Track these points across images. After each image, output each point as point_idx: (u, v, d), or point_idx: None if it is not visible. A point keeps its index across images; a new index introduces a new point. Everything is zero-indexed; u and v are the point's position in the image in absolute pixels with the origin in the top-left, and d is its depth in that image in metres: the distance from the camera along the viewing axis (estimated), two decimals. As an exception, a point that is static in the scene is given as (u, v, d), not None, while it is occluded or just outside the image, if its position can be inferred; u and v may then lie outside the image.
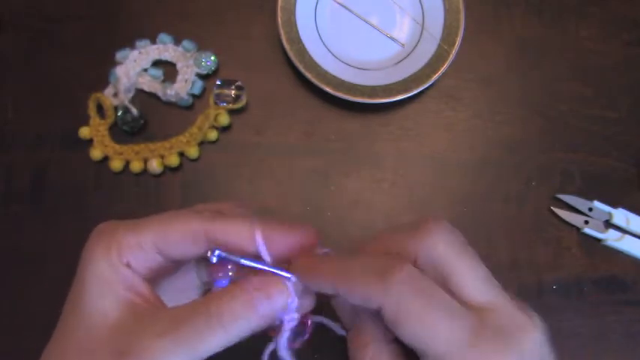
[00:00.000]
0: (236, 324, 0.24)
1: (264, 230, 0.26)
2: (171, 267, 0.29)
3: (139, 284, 0.26)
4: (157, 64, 0.46)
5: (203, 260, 0.30)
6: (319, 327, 0.32)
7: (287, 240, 0.26)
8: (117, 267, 0.25)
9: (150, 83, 0.45)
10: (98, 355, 0.24)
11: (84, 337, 0.25)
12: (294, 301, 0.26)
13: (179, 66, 0.46)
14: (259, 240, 0.26)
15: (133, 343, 0.24)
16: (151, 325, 0.24)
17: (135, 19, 0.47)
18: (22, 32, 0.47)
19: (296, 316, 0.27)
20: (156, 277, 0.28)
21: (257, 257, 0.27)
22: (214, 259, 0.26)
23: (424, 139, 0.46)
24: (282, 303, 0.26)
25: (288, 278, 0.26)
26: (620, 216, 0.44)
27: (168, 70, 0.46)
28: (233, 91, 0.44)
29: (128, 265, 0.26)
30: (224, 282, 0.27)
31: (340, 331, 0.33)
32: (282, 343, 0.27)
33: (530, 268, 0.44)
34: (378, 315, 0.24)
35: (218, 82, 0.45)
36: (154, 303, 0.26)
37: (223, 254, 0.26)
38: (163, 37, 0.46)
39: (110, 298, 0.25)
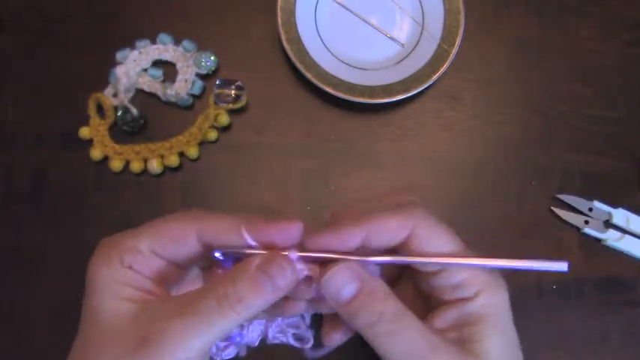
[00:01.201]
0: (246, 306, 0.26)
1: (249, 225, 0.28)
2: (179, 272, 0.30)
3: (144, 283, 0.27)
4: (156, 64, 0.46)
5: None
6: (318, 326, 0.32)
7: (271, 234, 0.28)
8: (119, 270, 0.27)
9: (150, 83, 0.45)
10: (121, 346, 0.25)
11: (102, 337, 0.26)
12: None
13: (179, 66, 0.46)
14: (245, 233, 0.27)
15: (150, 328, 0.25)
16: (165, 311, 0.26)
17: (135, 19, 0.47)
18: (22, 32, 0.47)
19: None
20: (164, 281, 0.28)
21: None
22: (219, 256, 0.28)
23: (424, 139, 0.46)
24: (286, 281, 0.27)
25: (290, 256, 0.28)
26: (620, 216, 0.44)
27: (168, 70, 0.46)
28: (233, 91, 0.44)
29: (131, 268, 0.27)
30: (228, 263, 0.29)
31: None
32: None
33: (530, 268, 0.44)
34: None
35: (218, 82, 0.45)
36: (163, 296, 0.28)
37: (222, 252, 0.28)
38: (163, 37, 0.46)
39: (118, 297, 0.26)
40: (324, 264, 0.28)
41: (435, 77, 0.44)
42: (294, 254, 0.28)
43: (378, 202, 0.31)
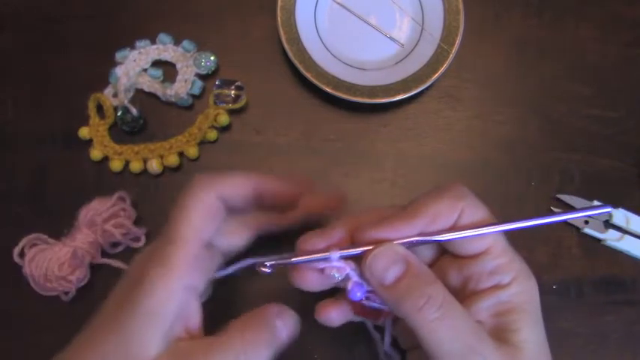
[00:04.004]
0: (260, 355, 0.27)
1: (260, 181, 0.30)
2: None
3: (191, 312, 0.28)
4: (156, 64, 0.46)
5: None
6: (318, 327, 0.32)
7: (280, 188, 0.30)
8: (174, 293, 0.26)
9: (150, 83, 0.45)
10: None
11: None
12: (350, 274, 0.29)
13: (179, 66, 0.46)
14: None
15: None
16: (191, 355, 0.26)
17: (135, 19, 0.47)
18: (22, 32, 0.47)
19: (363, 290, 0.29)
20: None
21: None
22: (266, 270, 0.29)
23: (424, 139, 0.46)
24: (293, 332, 0.29)
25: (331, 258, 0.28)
26: (620, 216, 0.44)
27: (168, 70, 0.46)
28: (233, 91, 0.44)
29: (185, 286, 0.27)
30: (360, 294, 0.29)
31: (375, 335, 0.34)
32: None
33: (530, 268, 0.43)
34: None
35: (218, 82, 0.45)
36: (196, 335, 0.28)
37: (270, 264, 0.29)
38: (163, 37, 0.46)
39: (158, 334, 0.26)
40: (357, 260, 0.28)
41: (435, 77, 0.44)
42: (336, 253, 0.28)
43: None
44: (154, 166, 0.43)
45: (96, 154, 0.43)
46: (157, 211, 0.43)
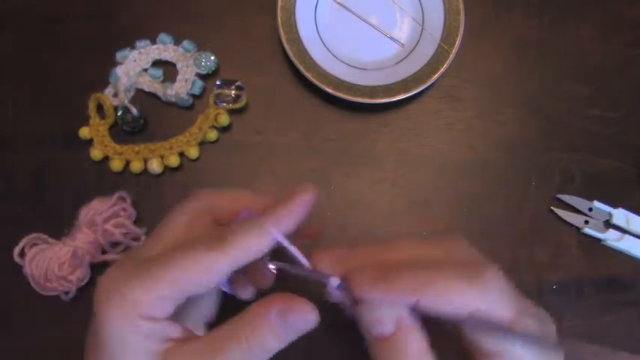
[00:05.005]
0: (268, 350, 0.26)
1: (275, 224, 0.27)
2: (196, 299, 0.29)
3: (162, 330, 0.26)
4: (157, 64, 0.46)
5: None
6: (318, 327, 0.32)
7: (294, 218, 0.28)
8: (136, 325, 0.25)
9: (150, 83, 0.45)
10: None
11: None
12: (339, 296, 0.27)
13: (179, 66, 0.46)
14: (285, 243, 0.27)
15: None
16: None
17: (135, 19, 0.47)
18: (22, 32, 0.47)
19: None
20: (179, 316, 0.27)
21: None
22: (273, 269, 0.29)
23: (424, 139, 0.46)
24: (307, 326, 0.26)
25: (331, 282, 0.27)
26: (620, 216, 0.44)
27: (168, 70, 0.46)
28: (233, 91, 0.44)
29: (149, 318, 0.25)
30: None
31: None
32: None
33: (530, 268, 0.44)
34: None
35: (218, 82, 0.45)
36: (180, 339, 0.26)
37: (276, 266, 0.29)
38: (163, 37, 0.46)
39: (135, 351, 0.25)
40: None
41: (435, 77, 0.44)
42: (336, 282, 0.27)
43: (429, 248, 0.27)
44: (155, 166, 0.43)
45: (96, 153, 0.43)
46: (158, 211, 0.43)
